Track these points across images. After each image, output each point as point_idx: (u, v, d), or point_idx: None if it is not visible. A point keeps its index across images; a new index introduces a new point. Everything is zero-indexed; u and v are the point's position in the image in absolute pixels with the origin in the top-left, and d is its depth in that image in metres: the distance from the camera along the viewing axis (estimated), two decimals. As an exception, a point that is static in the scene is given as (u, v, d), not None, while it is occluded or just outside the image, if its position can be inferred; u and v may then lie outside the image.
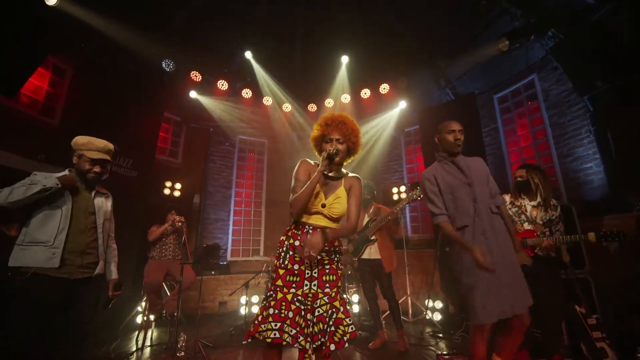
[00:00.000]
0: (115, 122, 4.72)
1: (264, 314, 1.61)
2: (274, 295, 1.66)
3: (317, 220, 1.75)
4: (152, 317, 3.62)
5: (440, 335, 3.96)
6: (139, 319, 4.14)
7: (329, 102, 6.34)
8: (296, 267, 1.72)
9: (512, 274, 1.94)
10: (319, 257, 1.73)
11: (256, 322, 1.62)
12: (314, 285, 1.71)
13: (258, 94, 6.18)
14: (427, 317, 4.41)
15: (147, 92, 5.16)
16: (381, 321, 3.60)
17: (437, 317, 4.56)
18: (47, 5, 3.31)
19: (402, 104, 6.15)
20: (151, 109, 5.31)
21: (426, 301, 4.64)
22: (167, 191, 5.05)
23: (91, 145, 2.12)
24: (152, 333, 4.15)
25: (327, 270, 1.76)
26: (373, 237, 3.51)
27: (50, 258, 1.86)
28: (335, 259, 1.80)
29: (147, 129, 5.24)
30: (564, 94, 4.60)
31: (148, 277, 3.64)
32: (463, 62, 5.30)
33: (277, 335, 1.51)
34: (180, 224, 3.56)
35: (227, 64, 5.62)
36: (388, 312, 3.70)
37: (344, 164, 1.91)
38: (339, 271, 1.79)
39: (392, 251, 3.55)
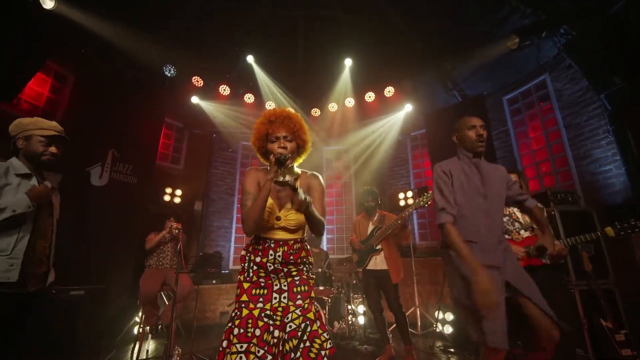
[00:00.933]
0: (115, 128, 4.68)
1: (230, 337, 1.40)
2: (238, 313, 1.46)
3: (276, 234, 1.57)
4: (147, 328, 3.46)
5: (452, 350, 3.71)
6: (136, 330, 4.00)
7: (332, 107, 6.22)
8: (262, 280, 1.54)
9: (527, 292, 1.70)
10: (285, 269, 1.55)
11: (221, 348, 1.40)
12: (284, 297, 1.52)
13: (260, 99, 6.09)
14: (437, 330, 4.16)
15: (148, 97, 5.12)
16: (388, 335, 3.38)
17: (448, 330, 4.30)
18: (44, 8, 3.26)
19: (408, 107, 5.99)
20: (152, 115, 5.27)
21: (436, 313, 4.40)
22: (167, 198, 4.95)
23: (40, 124, 1.83)
24: (150, 345, 4.00)
25: (297, 282, 1.57)
26: (378, 247, 3.32)
27: (8, 270, 1.59)
28: (305, 269, 1.62)
29: (148, 134, 5.19)
30: (578, 94, 4.39)
31: (144, 286, 3.50)
32: (470, 63, 5.13)
33: (244, 359, 1.32)
34: (177, 230, 3.43)
35: (229, 68, 5.56)
36: (395, 324, 3.48)
37: (295, 164, 1.71)
38: (310, 281, 1.60)
39: (399, 261, 3.35)
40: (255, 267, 1.55)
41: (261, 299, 1.50)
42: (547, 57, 4.63)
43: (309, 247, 1.69)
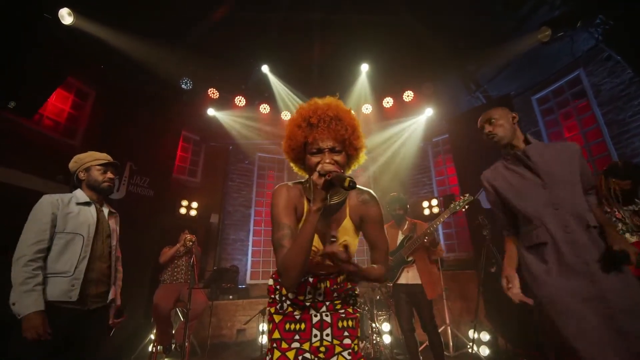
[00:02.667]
0: (133, 142, 4.70)
1: None
2: (270, 355, 1.20)
3: (316, 268, 1.23)
4: (160, 347, 3.29)
5: (492, 375, 3.30)
6: (151, 348, 3.84)
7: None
8: (297, 312, 1.25)
9: (630, 301, 1.33)
10: (328, 303, 1.28)
11: None
12: (327, 335, 1.23)
13: (276, 109, 6.02)
14: (472, 352, 3.75)
15: (165, 111, 5.15)
16: (419, 357, 3.04)
17: (485, 351, 3.89)
18: (63, 24, 3.32)
19: (429, 112, 5.73)
20: (169, 128, 5.29)
21: (470, 332, 3.99)
22: (183, 210, 4.87)
23: (95, 155, 2.04)
24: (164, 365, 3.83)
25: (342, 314, 1.27)
26: (410, 259, 3.03)
27: (70, 290, 1.73)
28: (351, 302, 1.33)
29: (165, 147, 5.19)
30: (619, 87, 4.00)
31: (157, 303, 3.36)
32: (495, 63, 4.84)
33: None
34: (190, 243, 3.29)
35: (244, 79, 5.54)
36: (426, 343, 3.15)
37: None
38: (357, 315, 1.32)
39: (435, 274, 3.04)
40: (288, 302, 1.27)
41: (297, 337, 1.21)
42: (580, 50, 4.29)
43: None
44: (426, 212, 5.23)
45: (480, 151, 5.17)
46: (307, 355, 1.17)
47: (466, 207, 2.94)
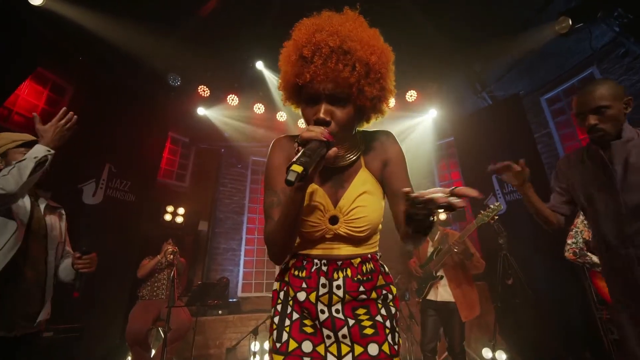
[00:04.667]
0: (113, 141, 4.28)
1: None
2: None
3: (331, 248, 0.92)
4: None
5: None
6: (126, 375, 3.36)
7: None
8: (308, 346, 0.87)
9: None
10: (352, 322, 0.88)
11: None
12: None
13: (272, 108, 5.68)
14: (490, 375, 3.37)
15: (150, 109, 4.74)
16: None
17: (503, 373, 3.50)
18: (32, 5, 2.93)
19: (433, 113, 5.44)
20: (154, 128, 4.87)
21: (483, 350, 3.62)
22: (168, 217, 4.43)
23: (12, 137, 1.64)
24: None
25: (369, 334, 0.87)
26: (439, 274, 2.67)
27: None
28: (386, 312, 0.93)
29: (150, 149, 4.77)
30: (639, 85, 3.76)
31: (132, 323, 2.92)
32: (505, 60, 4.59)
33: None
34: (171, 255, 2.86)
35: (238, 76, 5.19)
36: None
37: (359, 128, 0.99)
38: (396, 335, 0.92)
39: (470, 292, 2.68)
40: (296, 316, 0.90)
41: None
42: (588, 48, 4.05)
43: (386, 268, 1.01)
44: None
45: (488, 154, 4.91)
46: None
47: (496, 217, 2.61)
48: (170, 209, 4.54)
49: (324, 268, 0.91)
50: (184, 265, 3.52)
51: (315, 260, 0.93)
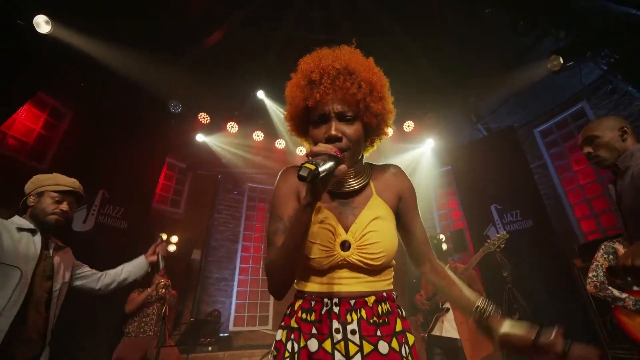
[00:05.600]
0: (108, 167, 4.20)
1: None
2: None
3: (341, 284, 0.84)
4: None
5: None
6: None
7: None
8: None
9: None
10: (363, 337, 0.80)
11: None
12: None
13: (270, 137, 5.71)
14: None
15: (149, 135, 4.72)
16: None
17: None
18: (39, 33, 2.96)
19: (430, 143, 5.53)
20: (153, 154, 4.83)
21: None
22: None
23: (58, 179, 1.65)
24: None
25: None
26: (445, 305, 2.56)
27: None
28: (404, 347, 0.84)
29: (146, 175, 4.69)
30: (628, 120, 3.88)
31: (116, 364, 2.68)
32: (499, 94, 4.75)
33: None
34: (163, 289, 2.70)
35: (238, 105, 5.25)
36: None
37: (364, 154, 0.99)
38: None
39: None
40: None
41: None
42: (581, 84, 4.24)
43: (403, 311, 0.92)
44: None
45: (485, 183, 4.95)
46: None
47: (502, 246, 2.56)
48: (163, 236, 4.36)
49: (335, 309, 0.82)
50: (175, 299, 3.33)
51: (325, 300, 0.84)
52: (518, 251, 3.95)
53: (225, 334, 5.11)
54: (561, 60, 3.31)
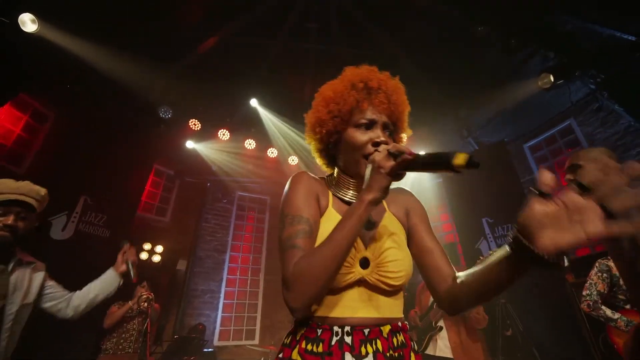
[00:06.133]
0: (91, 172, 4.02)
1: None
2: None
3: (352, 308, 0.77)
4: None
5: None
6: None
7: (339, 154, 5.76)
8: None
9: None
10: None
11: None
12: None
13: (262, 145, 5.64)
14: None
15: (136, 140, 4.58)
16: None
17: None
18: (25, 32, 2.84)
19: (422, 155, 5.55)
20: (140, 160, 4.69)
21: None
22: (144, 255, 4.07)
23: (5, 184, 1.44)
24: None
25: None
26: (439, 324, 2.49)
27: None
28: None
29: (132, 181, 4.53)
30: (614, 137, 4.00)
31: (90, 385, 2.48)
32: (488, 110, 4.84)
33: None
34: (145, 303, 2.54)
35: (231, 112, 5.17)
36: None
37: None
38: None
39: (471, 348, 2.47)
40: None
41: None
42: (569, 101, 4.35)
43: (415, 343, 0.85)
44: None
45: (475, 196, 4.99)
46: None
47: None
48: (147, 246, 4.20)
49: (348, 339, 0.73)
50: (158, 313, 3.14)
51: (335, 328, 0.74)
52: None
53: (210, 350, 4.88)
54: (552, 78, 3.38)
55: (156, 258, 4.24)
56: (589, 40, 3.72)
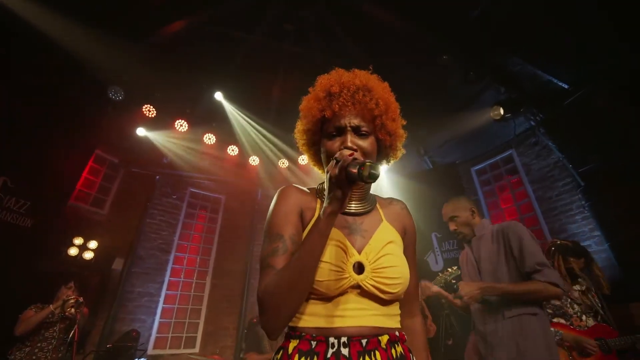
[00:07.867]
0: (15, 151, 3.45)
1: None
2: None
3: (349, 317, 0.73)
4: None
5: None
6: None
7: (302, 159, 5.72)
8: None
9: None
10: None
11: None
12: None
13: (223, 142, 5.38)
14: None
15: (77, 121, 4.05)
16: None
17: None
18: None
19: (382, 169, 5.75)
20: (78, 143, 4.13)
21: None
22: (73, 251, 3.57)
23: None
24: None
25: None
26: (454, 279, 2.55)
27: None
28: None
29: (66, 166, 3.98)
30: (546, 169, 4.55)
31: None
32: (443, 133, 5.21)
33: None
34: (72, 309, 2.19)
35: (192, 102, 4.85)
36: None
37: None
38: None
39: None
40: None
41: None
42: (511, 134, 4.87)
43: (414, 356, 0.81)
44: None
45: (426, 213, 5.30)
46: None
47: (453, 280, 2.66)
48: (78, 241, 3.69)
49: (345, 351, 0.69)
50: (86, 318, 2.75)
51: (331, 340, 0.70)
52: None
53: (142, 359, 4.42)
54: (502, 111, 3.75)
55: (88, 255, 3.74)
56: (532, 82, 4.22)
